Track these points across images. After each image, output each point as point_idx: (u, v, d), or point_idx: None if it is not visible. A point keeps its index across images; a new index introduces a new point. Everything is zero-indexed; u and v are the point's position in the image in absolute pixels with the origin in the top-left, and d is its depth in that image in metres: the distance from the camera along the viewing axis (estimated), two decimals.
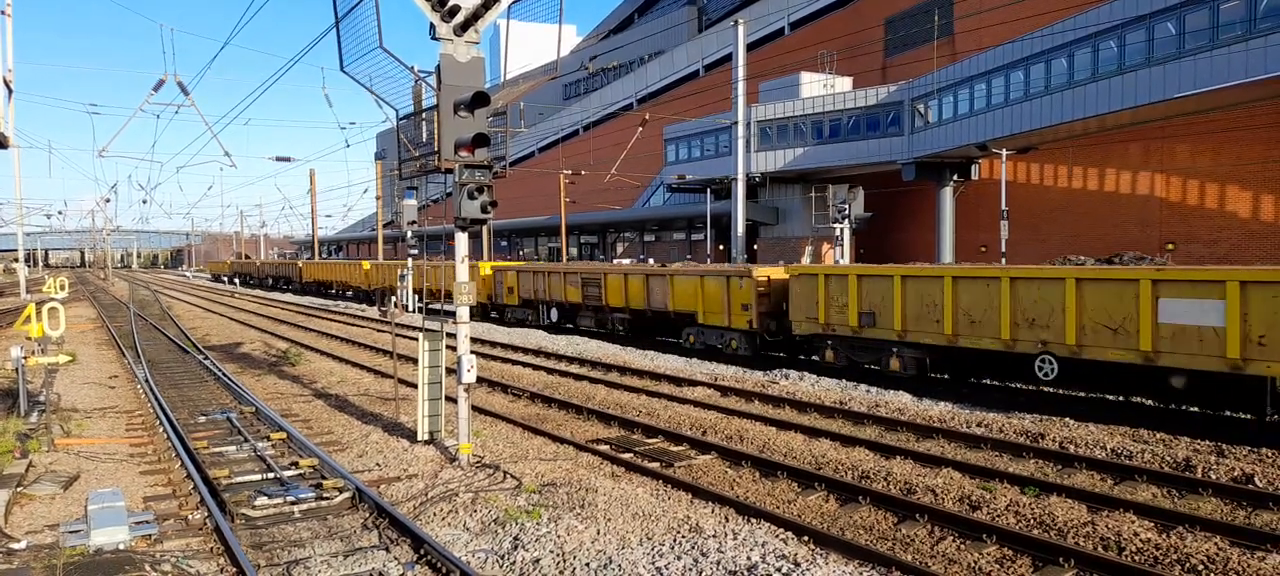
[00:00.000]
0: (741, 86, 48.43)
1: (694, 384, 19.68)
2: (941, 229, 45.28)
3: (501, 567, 8.70)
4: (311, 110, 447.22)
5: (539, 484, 11.39)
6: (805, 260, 50.14)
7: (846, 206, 37.05)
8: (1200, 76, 29.86)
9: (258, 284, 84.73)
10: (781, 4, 60.30)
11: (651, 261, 57.95)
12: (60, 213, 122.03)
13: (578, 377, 21.26)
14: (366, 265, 52.81)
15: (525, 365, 23.66)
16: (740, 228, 49.07)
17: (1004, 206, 35.85)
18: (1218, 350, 13.43)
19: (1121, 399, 16.45)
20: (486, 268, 38.61)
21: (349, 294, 57.09)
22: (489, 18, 11.90)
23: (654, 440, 14.54)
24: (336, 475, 11.82)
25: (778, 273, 22.55)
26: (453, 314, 12.61)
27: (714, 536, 9.24)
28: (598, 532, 9.42)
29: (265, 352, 27.98)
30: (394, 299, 38.22)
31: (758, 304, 22.15)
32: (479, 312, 37.81)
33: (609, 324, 29.25)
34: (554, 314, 32.67)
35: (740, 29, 48.36)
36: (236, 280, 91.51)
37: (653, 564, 8.50)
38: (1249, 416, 14.38)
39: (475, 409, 16.02)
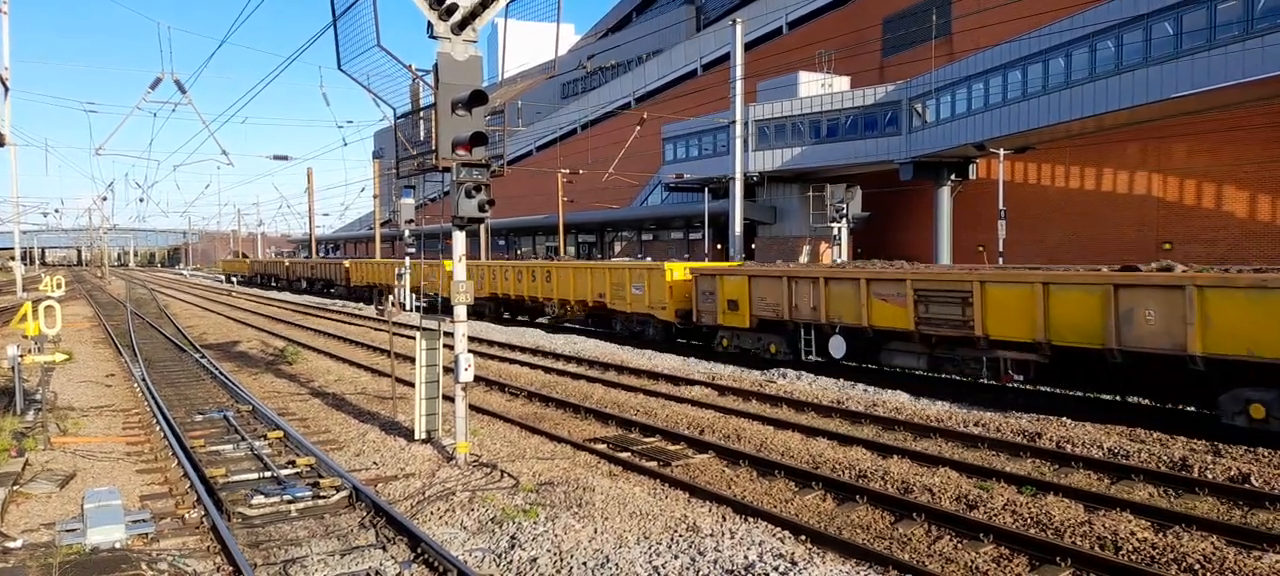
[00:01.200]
0: (739, 86, 48.39)
1: (691, 383, 19.68)
2: (939, 229, 45.32)
3: (499, 566, 8.70)
4: (309, 108, 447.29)
5: (536, 483, 11.39)
6: (803, 260, 50.13)
7: (844, 206, 37.13)
8: (1197, 76, 29.88)
9: (287, 287, 71.95)
10: (779, 3, 60.28)
11: (650, 260, 57.88)
12: (57, 211, 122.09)
13: (575, 377, 21.24)
14: (448, 264, 41.39)
15: (523, 364, 23.64)
16: (738, 227, 49.07)
17: (1001, 206, 35.87)
18: None
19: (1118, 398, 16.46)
20: (680, 270, 25.43)
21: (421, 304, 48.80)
22: (486, 16, 11.91)
23: (651, 439, 14.54)
24: (333, 474, 11.81)
25: None
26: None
27: (711, 535, 9.24)
28: (595, 531, 9.41)
29: (262, 351, 27.95)
30: (391, 297, 38.13)
31: None
32: (661, 336, 26.44)
33: (990, 367, 16.66)
34: (838, 347, 19.59)
35: (738, 28, 48.32)
36: (233, 280, 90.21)
37: (650, 562, 8.50)
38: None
39: (473, 408, 16.01)
